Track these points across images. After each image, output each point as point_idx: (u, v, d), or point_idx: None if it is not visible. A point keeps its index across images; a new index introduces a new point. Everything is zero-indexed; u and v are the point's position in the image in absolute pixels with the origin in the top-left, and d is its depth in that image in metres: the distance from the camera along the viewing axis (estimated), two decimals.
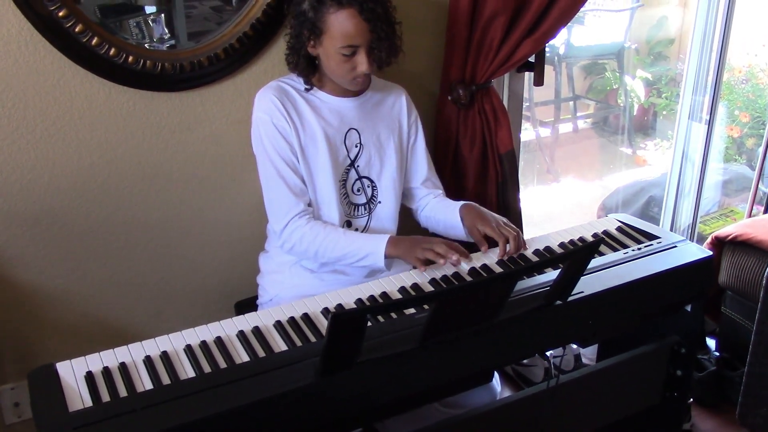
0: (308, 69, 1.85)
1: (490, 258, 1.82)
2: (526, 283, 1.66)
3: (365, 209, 1.99)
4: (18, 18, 1.75)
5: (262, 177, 1.91)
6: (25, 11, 1.75)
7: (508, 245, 1.80)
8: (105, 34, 1.85)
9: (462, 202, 1.96)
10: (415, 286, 1.70)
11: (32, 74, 1.82)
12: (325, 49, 1.78)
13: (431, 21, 2.32)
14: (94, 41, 1.82)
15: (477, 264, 1.79)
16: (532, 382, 2.55)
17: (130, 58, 1.88)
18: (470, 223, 1.89)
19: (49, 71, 1.84)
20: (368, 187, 1.98)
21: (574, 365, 2.55)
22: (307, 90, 1.90)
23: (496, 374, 1.90)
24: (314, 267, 1.97)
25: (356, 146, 1.93)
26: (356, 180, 1.96)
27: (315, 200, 1.92)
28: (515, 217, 2.53)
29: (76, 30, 1.79)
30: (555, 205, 4.22)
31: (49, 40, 1.79)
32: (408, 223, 2.12)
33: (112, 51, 1.85)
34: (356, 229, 1.99)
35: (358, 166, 1.95)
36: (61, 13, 1.76)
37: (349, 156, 1.93)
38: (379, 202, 2.00)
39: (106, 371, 1.37)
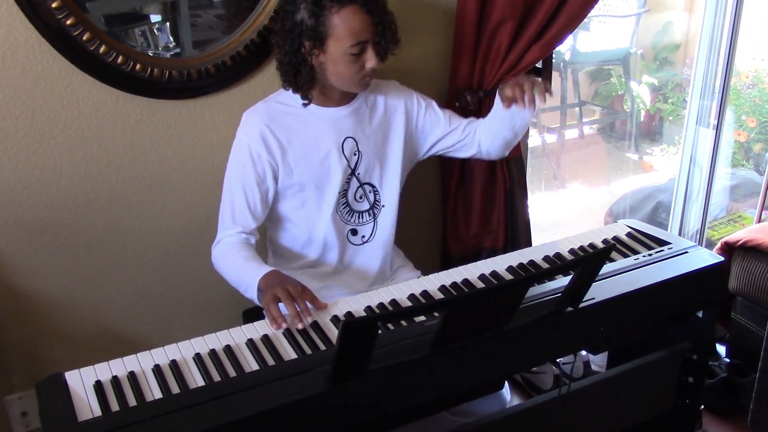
0: (310, 83, 1.81)
1: (499, 265, 1.80)
2: (537, 290, 1.65)
3: (369, 215, 1.97)
4: (26, 26, 1.75)
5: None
6: (33, 20, 1.75)
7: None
8: (113, 43, 1.85)
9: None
10: (424, 293, 1.69)
11: (40, 82, 1.82)
12: (330, 55, 1.74)
13: (438, 27, 2.32)
14: (102, 49, 1.82)
15: (487, 271, 1.78)
16: (541, 389, 2.53)
17: (138, 66, 1.88)
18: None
19: (56, 79, 1.84)
20: (370, 192, 1.96)
21: (583, 372, 2.54)
22: (305, 105, 1.86)
23: (505, 382, 1.89)
24: (319, 276, 1.97)
25: (355, 154, 1.91)
26: (358, 187, 1.94)
27: (303, 217, 1.91)
28: (523, 224, 2.52)
29: (84, 38, 1.79)
30: (562, 212, 4.21)
31: (56, 49, 1.80)
32: (412, 226, 2.11)
33: (120, 59, 1.85)
34: (362, 236, 1.98)
35: (358, 173, 1.93)
36: (68, 22, 1.76)
37: (349, 165, 1.91)
38: (383, 206, 1.98)
39: (115, 380, 1.36)
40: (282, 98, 1.89)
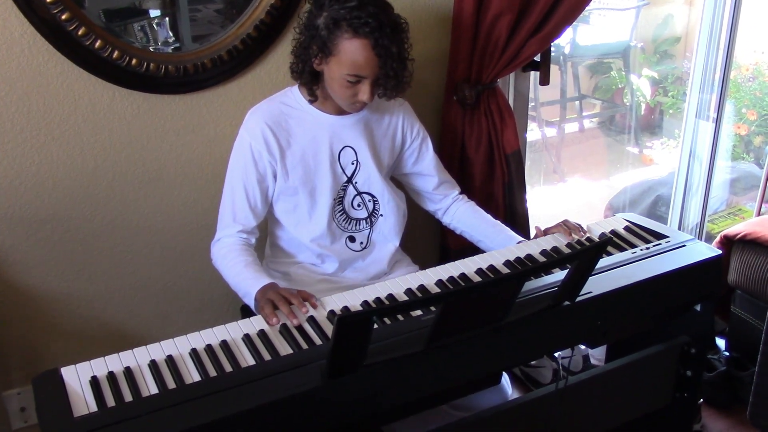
0: (312, 81, 1.81)
1: (496, 259, 1.80)
2: (533, 284, 1.65)
3: (367, 223, 1.97)
4: (21, 21, 1.75)
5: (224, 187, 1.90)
6: (28, 15, 1.74)
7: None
8: (108, 37, 1.84)
9: (517, 240, 1.97)
10: (421, 287, 1.69)
11: (36, 78, 1.82)
12: (330, 70, 1.74)
13: (436, 21, 2.31)
14: (98, 44, 1.82)
15: (484, 265, 1.78)
16: (540, 383, 2.53)
17: (134, 61, 1.88)
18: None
19: (52, 74, 1.83)
20: (369, 201, 1.96)
21: (582, 366, 2.53)
22: (310, 102, 1.85)
23: (505, 375, 1.89)
24: (319, 271, 1.96)
25: (353, 163, 1.91)
26: (355, 196, 1.94)
27: (295, 219, 1.91)
28: (522, 218, 2.51)
29: (79, 33, 1.79)
30: (562, 206, 4.20)
31: (52, 44, 1.79)
32: (410, 221, 2.10)
33: (116, 54, 1.85)
34: (360, 243, 1.98)
35: (356, 182, 1.93)
36: (63, 17, 1.76)
37: (345, 173, 1.91)
38: (381, 215, 1.99)
39: (111, 376, 1.36)
40: (286, 99, 1.88)
